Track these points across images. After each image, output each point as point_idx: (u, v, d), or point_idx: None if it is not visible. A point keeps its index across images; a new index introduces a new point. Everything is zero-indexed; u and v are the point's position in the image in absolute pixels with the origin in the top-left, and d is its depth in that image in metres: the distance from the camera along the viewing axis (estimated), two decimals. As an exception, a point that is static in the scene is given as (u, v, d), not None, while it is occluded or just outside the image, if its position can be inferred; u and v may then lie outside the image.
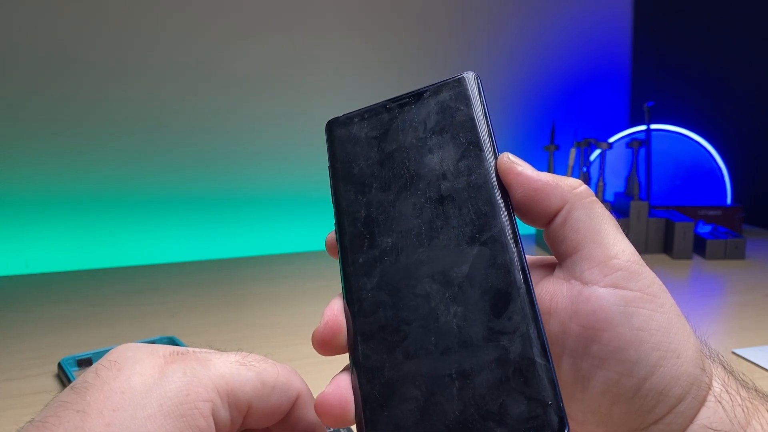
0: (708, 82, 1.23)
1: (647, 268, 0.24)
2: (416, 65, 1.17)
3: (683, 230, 0.95)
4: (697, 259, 0.96)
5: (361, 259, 0.25)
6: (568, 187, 0.24)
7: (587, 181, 1.03)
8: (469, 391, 0.21)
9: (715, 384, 0.23)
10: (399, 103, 0.27)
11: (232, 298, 0.81)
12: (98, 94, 1.00)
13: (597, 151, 1.13)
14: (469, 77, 0.27)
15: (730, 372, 0.25)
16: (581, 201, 0.24)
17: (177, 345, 0.24)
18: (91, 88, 0.99)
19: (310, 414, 0.25)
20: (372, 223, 0.25)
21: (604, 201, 0.99)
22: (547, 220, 0.25)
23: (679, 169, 1.17)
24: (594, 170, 1.12)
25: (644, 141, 1.05)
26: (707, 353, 0.24)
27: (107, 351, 0.60)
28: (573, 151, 1.00)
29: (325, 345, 0.24)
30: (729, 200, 1.13)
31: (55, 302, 0.80)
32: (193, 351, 0.23)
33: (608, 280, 0.23)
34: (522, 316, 0.22)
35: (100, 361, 0.23)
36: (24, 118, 0.97)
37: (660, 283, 0.24)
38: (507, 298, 0.22)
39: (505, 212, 0.24)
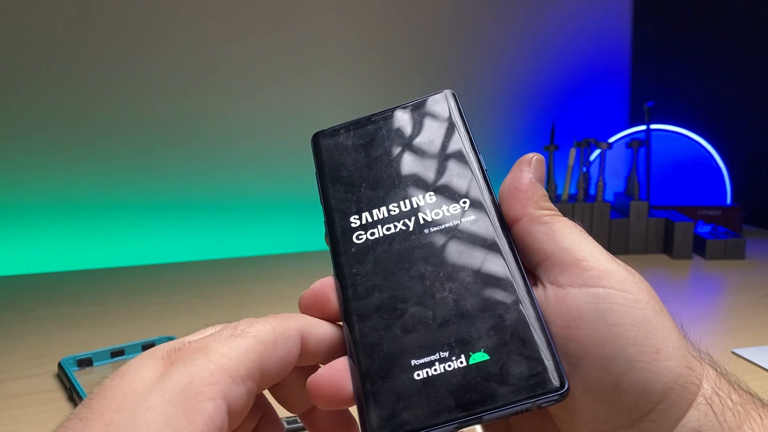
0: (708, 82, 1.23)
1: (621, 266, 0.24)
2: (416, 66, 1.17)
3: (683, 230, 0.95)
4: (697, 259, 0.96)
5: (353, 249, 0.26)
6: (533, 203, 0.25)
7: (587, 181, 1.03)
8: (470, 356, 0.22)
9: (705, 385, 0.23)
10: (382, 116, 0.29)
11: (232, 298, 0.81)
12: (98, 96, 1.00)
13: (597, 151, 1.13)
14: (447, 94, 0.29)
15: (722, 374, 0.24)
16: (542, 217, 0.25)
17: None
18: (91, 89, 0.99)
19: (322, 337, 0.25)
20: (363, 217, 0.26)
21: (603, 201, 1.00)
22: (510, 222, 0.25)
23: (679, 169, 1.17)
24: (594, 170, 1.12)
25: (644, 141, 1.05)
26: (696, 354, 0.24)
27: (107, 351, 0.60)
28: (573, 151, 1.00)
29: (309, 309, 0.25)
30: (729, 200, 1.13)
31: (55, 302, 0.80)
32: (189, 342, 0.23)
33: (581, 281, 0.23)
34: (513, 287, 0.23)
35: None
36: (24, 119, 0.97)
37: (635, 280, 0.24)
38: (497, 272, 0.24)
39: (490, 201, 0.26)
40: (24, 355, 0.62)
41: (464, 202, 0.26)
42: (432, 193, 0.26)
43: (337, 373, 0.23)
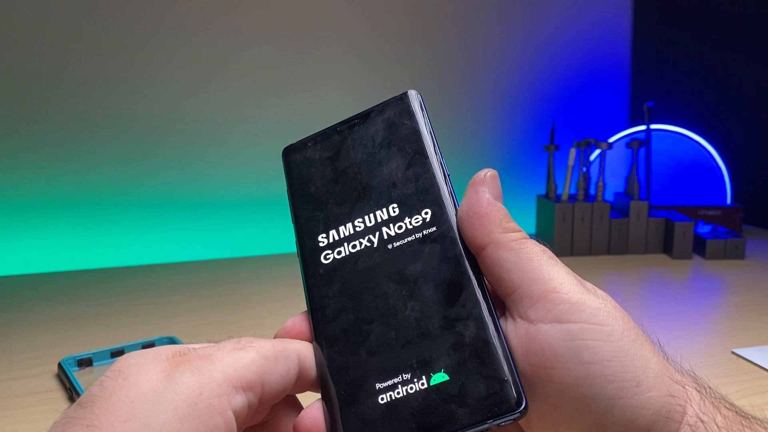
0: (708, 82, 1.23)
1: (592, 295, 0.23)
2: (416, 67, 1.17)
3: (683, 230, 0.95)
4: (697, 259, 0.96)
5: (321, 270, 0.26)
6: (497, 226, 0.24)
7: (587, 181, 1.03)
8: (430, 378, 0.23)
9: (689, 412, 0.22)
10: (348, 124, 0.29)
11: (232, 298, 0.81)
12: (98, 97, 1.00)
13: (597, 151, 1.13)
14: (411, 94, 0.29)
15: (706, 395, 0.23)
16: (508, 243, 0.24)
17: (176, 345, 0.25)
18: (90, 90, 0.99)
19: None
20: (330, 235, 0.27)
21: (603, 201, 1.00)
22: (476, 250, 0.24)
23: (679, 169, 1.17)
24: (594, 170, 1.12)
25: (644, 141, 1.05)
26: (678, 376, 0.23)
27: (107, 351, 0.60)
28: (573, 151, 1.00)
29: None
30: (729, 200, 1.13)
31: (55, 302, 0.80)
32: (194, 348, 0.23)
33: (551, 316, 0.22)
34: (474, 302, 0.23)
35: (105, 373, 0.22)
36: (24, 120, 0.97)
37: (608, 309, 0.23)
38: (459, 287, 0.24)
39: (452, 209, 0.26)
40: (24, 355, 0.62)
41: (425, 213, 0.26)
42: (395, 206, 0.26)
43: (319, 412, 0.23)
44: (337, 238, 0.27)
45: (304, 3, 1.08)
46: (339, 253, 0.26)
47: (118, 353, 0.59)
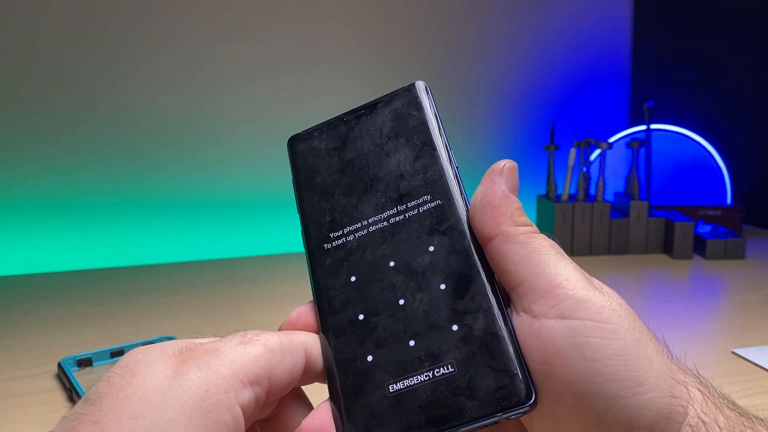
0: (708, 82, 1.23)
1: (597, 292, 0.22)
2: (416, 66, 1.17)
3: (683, 230, 0.95)
4: (697, 259, 0.96)
5: (328, 261, 0.26)
6: (507, 219, 0.24)
7: (587, 181, 1.03)
8: (438, 370, 0.23)
9: (691, 413, 0.22)
10: (355, 115, 0.29)
11: (232, 298, 0.81)
12: (98, 96, 1.00)
13: (597, 151, 1.13)
14: (419, 85, 0.28)
15: (709, 396, 0.23)
16: (517, 236, 0.23)
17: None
18: (90, 89, 0.99)
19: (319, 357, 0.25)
20: (337, 225, 0.27)
21: (604, 201, 1.00)
22: (484, 241, 0.24)
23: (679, 169, 1.17)
24: (594, 170, 1.12)
25: (644, 141, 1.05)
26: (681, 376, 0.23)
27: (107, 351, 0.60)
28: (573, 151, 1.00)
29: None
30: (729, 200, 1.13)
31: (55, 302, 0.80)
32: (200, 343, 0.23)
33: (556, 311, 0.22)
34: (483, 295, 0.23)
35: (111, 369, 0.22)
36: (24, 120, 0.97)
37: (613, 306, 0.22)
38: (468, 280, 0.24)
39: (461, 201, 0.25)
40: (24, 355, 0.62)
41: (434, 205, 0.25)
42: (403, 197, 0.26)
43: (327, 413, 0.23)
44: (344, 228, 0.26)
45: None
46: (346, 244, 0.26)
47: (118, 353, 0.59)
